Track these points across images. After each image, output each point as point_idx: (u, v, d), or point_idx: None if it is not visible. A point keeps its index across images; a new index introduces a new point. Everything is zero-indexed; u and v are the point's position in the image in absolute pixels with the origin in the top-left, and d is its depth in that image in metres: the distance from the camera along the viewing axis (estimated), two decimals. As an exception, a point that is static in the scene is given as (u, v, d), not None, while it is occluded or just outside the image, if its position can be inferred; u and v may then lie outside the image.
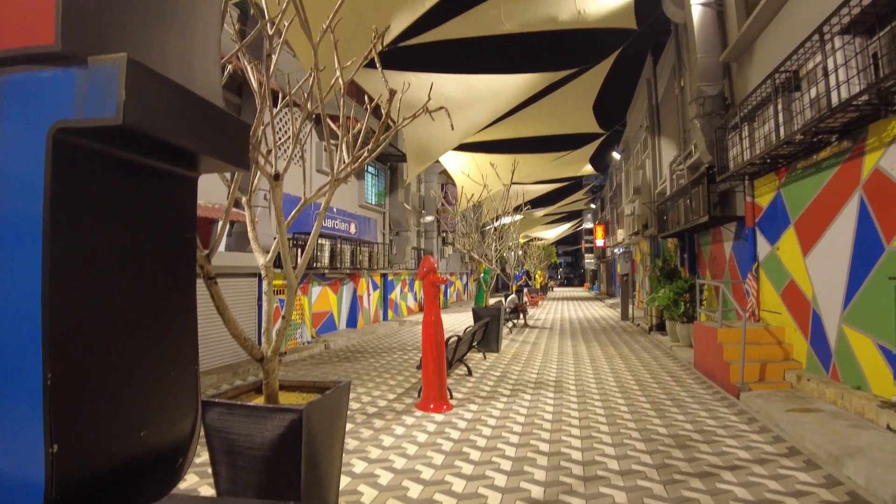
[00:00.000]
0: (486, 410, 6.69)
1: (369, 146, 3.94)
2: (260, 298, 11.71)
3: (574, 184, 34.09)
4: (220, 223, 3.16)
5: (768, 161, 7.95)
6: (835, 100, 5.66)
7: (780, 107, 7.13)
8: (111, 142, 0.96)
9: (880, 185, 5.78)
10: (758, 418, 6.17)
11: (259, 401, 3.38)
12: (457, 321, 19.24)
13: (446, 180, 28.98)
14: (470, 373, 9.02)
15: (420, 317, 21.35)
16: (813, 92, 6.36)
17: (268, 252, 3.34)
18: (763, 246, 9.01)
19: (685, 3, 11.08)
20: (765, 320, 8.90)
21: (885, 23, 5.12)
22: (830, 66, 5.79)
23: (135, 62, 0.88)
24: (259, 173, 3.37)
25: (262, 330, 3.09)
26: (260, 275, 11.78)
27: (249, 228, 3.36)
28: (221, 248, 11.79)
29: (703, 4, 10.67)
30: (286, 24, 3.68)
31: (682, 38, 12.94)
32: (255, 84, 3.45)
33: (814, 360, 7.25)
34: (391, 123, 5.72)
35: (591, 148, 23.29)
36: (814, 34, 6.16)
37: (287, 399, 3.55)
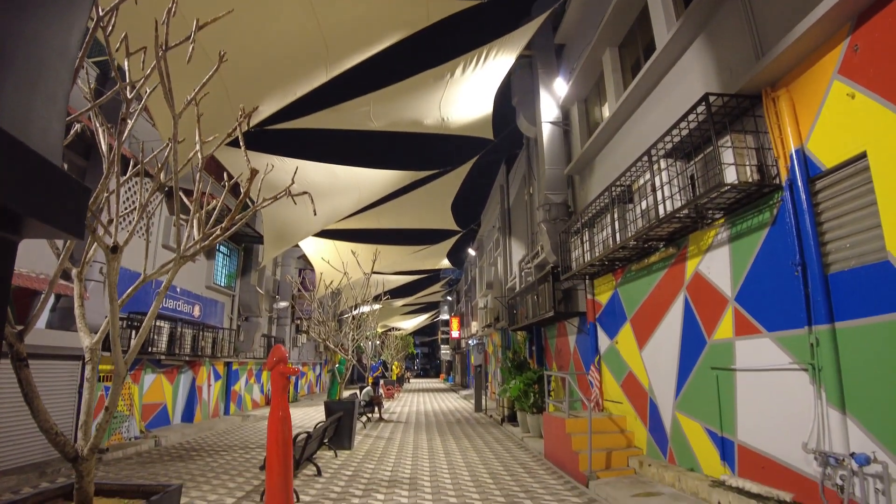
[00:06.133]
0: (338, 514, 6.15)
1: (223, 224, 3.70)
2: (82, 386, 10.03)
3: (432, 276, 35.07)
4: (43, 295, 2.69)
5: (606, 263, 8.86)
6: (661, 212, 6.58)
7: (615, 216, 8.09)
8: None
9: (700, 286, 6.69)
10: (604, 507, 6.38)
11: (62, 513, 2.76)
12: (307, 416, 18.03)
13: (305, 265, 28.20)
14: (319, 473, 8.34)
15: (266, 411, 19.71)
16: (644, 204, 7.33)
17: (95, 332, 2.88)
18: (603, 340, 9.81)
19: (537, 121, 12.50)
20: (608, 410, 9.49)
21: (699, 151, 6.15)
22: (657, 183, 6.76)
23: None
24: (95, 244, 2.98)
25: (80, 423, 2.59)
26: (84, 359, 10.18)
27: (77, 304, 2.89)
28: (41, 324, 10.10)
29: (551, 123, 12.13)
30: (148, 91, 3.46)
31: (533, 151, 14.46)
32: (104, 148, 3.13)
33: (653, 446, 7.80)
34: (250, 203, 5.49)
35: (449, 244, 24.36)
36: (643, 156, 7.22)
37: (101, 509, 2.95)
